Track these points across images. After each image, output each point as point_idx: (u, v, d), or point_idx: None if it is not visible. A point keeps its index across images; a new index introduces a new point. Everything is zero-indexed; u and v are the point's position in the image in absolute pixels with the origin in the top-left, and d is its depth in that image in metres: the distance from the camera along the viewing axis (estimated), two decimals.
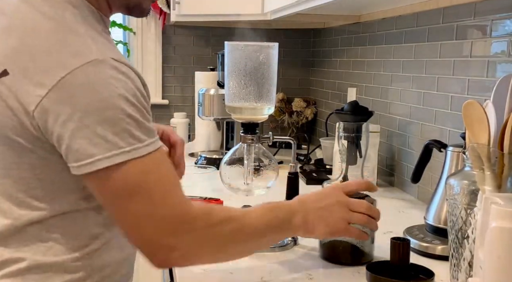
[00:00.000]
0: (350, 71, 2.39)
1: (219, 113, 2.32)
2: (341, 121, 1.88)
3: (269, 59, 1.17)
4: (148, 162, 0.88)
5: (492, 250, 0.80)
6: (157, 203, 0.88)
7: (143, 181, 0.88)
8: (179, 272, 1.17)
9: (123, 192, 0.87)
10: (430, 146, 1.48)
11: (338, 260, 1.19)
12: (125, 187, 0.87)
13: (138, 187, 0.87)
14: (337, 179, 1.90)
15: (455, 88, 1.58)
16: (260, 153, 1.27)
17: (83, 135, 0.85)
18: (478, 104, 0.96)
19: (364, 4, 1.92)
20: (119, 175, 0.86)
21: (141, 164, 0.87)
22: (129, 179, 0.87)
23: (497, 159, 0.93)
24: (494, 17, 1.41)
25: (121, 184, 0.87)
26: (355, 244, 1.18)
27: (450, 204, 1.01)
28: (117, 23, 2.77)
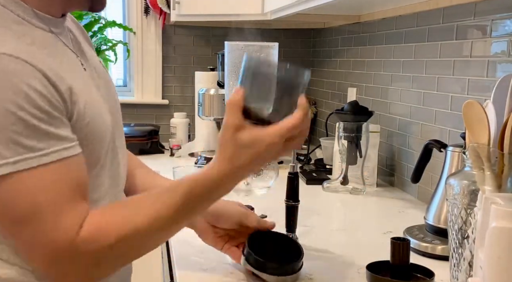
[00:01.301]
0: (350, 71, 2.39)
1: (219, 113, 2.32)
2: (341, 121, 1.88)
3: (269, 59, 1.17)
4: (42, 175, 0.77)
5: (492, 250, 0.80)
6: (47, 228, 0.79)
7: (32, 202, 0.77)
8: (179, 272, 1.17)
9: (9, 214, 0.78)
10: (430, 145, 1.48)
11: None
12: (12, 208, 0.77)
13: (26, 211, 0.77)
14: (337, 179, 1.91)
15: (455, 88, 1.58)
16: None
17: None
18: (478, 104, 0.96)
19: (364, 4, 1.92)
20: (3, 191, 0.76)
21: (31, 179, 0.77)
22: (16, 197, 0.77)
23: (497, 159, 0.93)
24: (494, 17, 1.41)
25: (8, 203, 0.77)
26: None
27: (450, 204, 1.01)
28: (117, 23, 2.77)
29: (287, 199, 1.32)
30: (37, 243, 0.80)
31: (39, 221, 0.78)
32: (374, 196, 1.86)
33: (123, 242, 0.85)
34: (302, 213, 1.35)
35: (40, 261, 0.82)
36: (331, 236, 1.46)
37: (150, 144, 2.65)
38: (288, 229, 1.33)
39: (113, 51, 2.78)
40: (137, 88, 2.94)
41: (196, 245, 1.33)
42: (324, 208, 1.73)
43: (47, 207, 0.78)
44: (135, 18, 2.91)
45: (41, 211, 0.78)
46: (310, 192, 1.87)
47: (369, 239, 1.42)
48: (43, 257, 0.81)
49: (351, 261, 1.24)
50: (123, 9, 3.00)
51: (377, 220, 1.64)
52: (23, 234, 0.80)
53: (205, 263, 1.21)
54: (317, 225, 1.50)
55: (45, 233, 0.79)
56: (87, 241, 0.81)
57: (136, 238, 0.86)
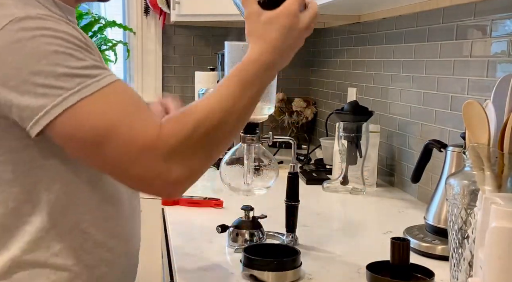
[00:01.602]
0: (350, 71, 2.39)
1: None
2: (341, 121, 1.88)
3: None
4: (104, 96, 0.84)
5: (492, 250, 0.80)
6: (128, 138, 0.83)
7: (106, 119, 0.83)
8: (179, 272, 1.17)
9: (89, 138, 0.83)
10: (430, 145, 1.48)
11: None
12: (88, 131, 0.83)
13: (102, 128, 0.83)
14: (337, 179, 1.91)
15: (455, 88, 1.58)
16: (260, 153, 1.27)
17: (27, 90, 0.82)
18: (478, 104, 0.96)
19: (364, 4, 1.92)
20: (77, 118, 0.83)
21: (97, 100, 0.83)
22: (89, 120, 0.83)
23: (497, 159, 0.93)
24: (494, 17, 1.41)
25: (84, 128, 0.83)
26: None
27: (450, 204, 1.01)
28: (117, 23, 2.77)
29: (287, 199, 1.32)
30: (124, 153, 0.83)
31: (118, 133, 0.83)
32: (374, 196, 1.86)
33: (201, 127, 0.87)
34: (302, 213, 1.35)
35: (132, 171, 0.84)
36: (331, 236, 1.46)
37: None
38: (288, 229, 1.33)
39: (113, 51, 2.78)
40: (137, 88, 2.94)
41: (196, 245, 1.34)
42: (324, 208, 1.73)
43: (121, 120, 0.84)
44: (135, 18, 2.91)
45: (116, 124, 0.83)
46: (310, 192, 1.87)
47: (369, 239, 1.42)
48: (134, 165, 0.84)
49: (351, 261, 1.24)
50: (123, 9, 3.00)
51: (377, 220, 1.64)
52: (108, 150, 0.83)
53: (205, 263, 1.21)
54: (317, 225, 1.50)
55: (128, 141, 0.83)
56: (169, 134, 0.85)
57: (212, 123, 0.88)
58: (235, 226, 1.32)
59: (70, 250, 0.97)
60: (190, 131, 0.86)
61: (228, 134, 0.92)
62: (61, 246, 0.96)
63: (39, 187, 0.94)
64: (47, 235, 0.95)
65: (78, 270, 0.98)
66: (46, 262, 0.95)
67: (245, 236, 1.31)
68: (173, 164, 0.85)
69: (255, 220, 1.34)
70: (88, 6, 2.75)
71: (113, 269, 1.03)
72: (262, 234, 1.33)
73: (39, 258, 0.95)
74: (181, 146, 0.85)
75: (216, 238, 1.35)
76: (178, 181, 0.87)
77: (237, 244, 1.30)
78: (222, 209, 1.65)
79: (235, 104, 0.90)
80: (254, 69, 0.94)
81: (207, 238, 1.37)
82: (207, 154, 0.90)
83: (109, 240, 1.02)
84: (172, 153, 0.84)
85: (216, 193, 1.78)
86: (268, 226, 1.36)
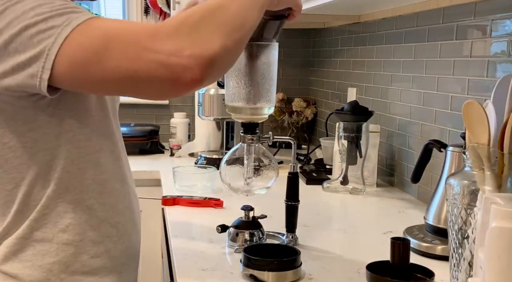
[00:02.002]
0: (350, 71, 2.39)
1: (219, 113, 2.32)
2: (341, 121, 1.88)
3: (269, 59, 1.17)
4: (96, 19, 0.87)
5: (492, 250, 0.80)
6: (129, 36, 0.83)
7: (101, 31, 0.85)
8: (179, 272, 1.17)
9: (92, 50, 0.84)
10: (430, 145, 1.48)
11: None
12: (89, 46, 0.84)
13: (101, 37, 0.84)
14: (337, 179, 1.91)
15: (455, 88, 1.58)
16: (260, 153, 1.27)
17: (26, 46, 0.85)
18: (478, 104, 0.96)
19: (364, 4, 1.92)
20: (76, 41, 0.84)
21: (91, 23, 0.86)
22: (88, 38, 0.84)
23: (497, 159, 0.93)
24: (494, 17, 1.41)
25: (85, 46, 0.84)
26: None
27: (450, 204, 1.01)
28: None
29: (287, 199, 1.32)
30: (130, 48, 0.82)
31: (118, 35, 0.83)
32: (374, 196, 1.86)
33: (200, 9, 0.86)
34: (302, 213, 1.35)
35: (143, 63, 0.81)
36: (331, 236, 1.46)
37: (150, 144, 2.65)
38: (288, 229, 1.33)
39: None
40: None
41: (196, 245, 1.34)
42: (324, 208, 1.73)
43: (118, 27, 0.85)
44: (135, 18, 2.91)
45: (114, 31, 0.84)
46: (310, 192, 1.87)
47: (369, 239, 1.42)
48: (143, 56, 0.81)
49: (351, 261, 1.24)
50: (123, 9, 3.00)
51: (377, 220, 1.64)
52: (114, 54, 0.82)
53: (205, 263, 1.21)
54: (317, 225, 1.50)
55: (130, 38, 0.83)
56: (167, 21, 0.84)
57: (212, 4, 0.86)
58: (235, 226, 1.32)
59: (76, 226, 1.01)
60: (189, 13, 0.85)
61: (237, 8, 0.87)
62: (67, 222, 1.01)
63: (46, 167, 0.98)
64: (54, 211, 0.99)
65: (84, 246, 1.02)
66: (54, 239, 1.00)
67: (245, 236, 1.31)
68: (181, 39, 0.81)
69: (255, 220, 1.34)
70: (88, 6, 2.76)
71: (117, 244, 1.08)
72: (262, 234, 1.33)
73: (47, 235, 1.00)
74: (184, 23, 0.83)
75: (216, 238, 1.35)
76: (193, 53, 0.81)
77: (237, 244, 1.30)
78: (222, 209, 1.65)
79: None
80: None
81: (207, 238, 1.37)
82: (219, 29, 0.84)
83: (113, 216, 1.07)
84: (176, 30, 0.82)
85: (216, 193, 1.78)
86: (268, 226, 1.36)
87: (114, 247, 1.07)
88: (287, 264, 1.12)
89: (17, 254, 0.99)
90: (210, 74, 0.82)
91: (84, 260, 1.02)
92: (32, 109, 0.95)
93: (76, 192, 1.01)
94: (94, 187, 1.04)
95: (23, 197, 0.98)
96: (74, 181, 1.01)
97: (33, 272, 0.99)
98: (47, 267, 0.99)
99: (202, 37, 0.82)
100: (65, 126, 0.98)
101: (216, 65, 0.82)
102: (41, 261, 0.99)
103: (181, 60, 0.80)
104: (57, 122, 0.97)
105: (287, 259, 1.12)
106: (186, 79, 0.81)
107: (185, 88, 0.83)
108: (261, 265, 1.10)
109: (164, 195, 1.73)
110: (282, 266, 1.11)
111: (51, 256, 0.99)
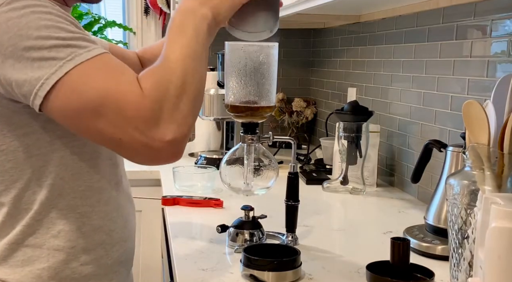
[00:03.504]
0: (350, 71, 2.39)
1: (219, 113, 2.32)
2: (341, 121, 1.88)
3: (269, 59, 1.17)
4: (95, 63, 0.86)
5: (492, 250, 0.80)
6: (118, 105, 0.84)
7: (96, 86, 0.85)
8: (179, 272, 1.17)
9: (82, 105, 0.85)
10: (430, 145, 1.48)
11: None
12: (81, 99, 0.84)
13: (95, 96, 0.84)
14: (337, 179, 1.91)
15: (455, 88, 1.58)
16: (260, 153, 1.27)
17: (23, 66, 0.85)
18: (478, 104, 0.96)
19: (364, 4, 1.92)
20: (71, 86, 0.84)
21: (89, 67, 0.85)
22: (82, 88, 0.84)
23: (497, 159, 0.93)
24: (494, 17, 1.41)
25: (77, 96, 0.84)
26: None
27: (450, 204, 1.01)
28: (117, 23, 2.77)
29: (287, 199, 1.32)
30: (117, 120, 0.84)
31: (109, 99, 0.84)
32: (374, 196, 1.86)
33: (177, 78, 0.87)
34: (302, 213, 1.35)
35: (131, 126, 0.84)
36: (331, 236, 1.46)
37: None
38: (288, 229, 1.33)
39: None
40: None
41: (196, 245, 1.34)
42: (324, 208, 1.73)
43: (110, 86, 0.85)
44: (135, 18, 2.91)
45: (107, 91, 0.84)
46: (310, 192, 1.87)
47: (369, 239, 1.42)
48: (127, 130, 0.84)
49: (351, 261, 1.24)
50: (123, 9, 3.00)
51: (377, 220, 1.64)
52: (102, 116, 0.84)
53: (205, 263, 1.21)
54: (317, 225, 1.50)
55: (118, 108, 0.84)
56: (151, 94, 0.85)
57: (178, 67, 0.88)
58: (235, 226, 1.33)
59: (68, 232, 1.00)
60: (166, 78, 0.87)
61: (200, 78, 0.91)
62: (59, 228, 1.00)
63: (39, 172, 0.97)
64: (47, 217, 0.99)
65: (75, 253, 1.01)
66: (45, 244, 0.99)
67: (245, 236, 1.31)
68: (164, 122, 0.85)
69: (255, 220, 1.34)
70: (88, 6, 2.75)
71: (110, 252, 1.07)
72: (262, 234, 1.33)
73: (39, 241, 0.99)
74: (166, 101, 0.85)
75: (216, 238, 1.35)
76: (177, 138, 0.86)
77: (237, 244, 1.30)
78: (222, 209, 1.65)
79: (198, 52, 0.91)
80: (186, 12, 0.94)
81: (207, 238, 1.37)
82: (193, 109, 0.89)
83: (107, 224, 1.06)
84: (160, 109, 0.84)
85: (216, 193, 1.78)
86: (268, 226, 1.36)
87: (106, 255, 1.06)
88: (287, 264, 1.12)
89: (7, 259, 0.98)
90: (183, 148, 0.89)
91: (75, 266, 1.01)
92: (27, 114, 0.94)
93: (70, 199, 1.00)
94: (89, 194, 1.03)
95: (14, 200, 0.97)
96: (67, 187, 1.00)
97: (22, 278, 0.98)
98: (36, 272, 0.98)
99: (181, 121, 0.87)
100: (59, 132, 0.97)
101: (187, 139, 0.89)
102: (31, 267, 0.98)
103: (163, 145, 0.85)
104: (52, 128, 0.96)
105: (287, 259, 1.12)
106: (164, 158, 0.88)
107: (160, 163, 0.90)
108: (261, 265, 1.10)
109: (164, 195, 1.73)
110: (282, 266, 1.11)
111: (41, 262, 0.99)
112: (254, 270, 1.10)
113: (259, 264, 1.11)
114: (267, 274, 1.10)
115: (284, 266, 1.11)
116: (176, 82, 0.87)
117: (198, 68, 0.91)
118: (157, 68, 0.89)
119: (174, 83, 0.87)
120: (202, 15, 0.93)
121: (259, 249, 1.17)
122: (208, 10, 0.94)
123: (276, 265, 1.11)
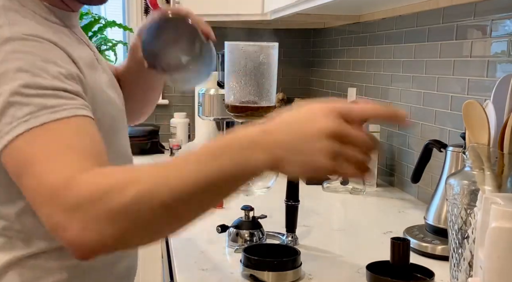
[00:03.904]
0: (350, 71, 2.39)
1: (219, 114, 2.32)
2: None
3: (269, 59, 1.17)
4: (47, 131, 0.78)
5: (492, 250, 0.80)
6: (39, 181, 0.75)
7: (29, 155, 0.77)
8: (179, 272, 1.17)
9: (16, 168, 0.78)
10: (430, 145, 1.48)
11: None
12: (18, 161, 0.78)
13: (22, 165, 0.77)
14: (337, 179, 1.91)
15: (455, 88, 1.58)
16: None
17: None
18: (478, 104, 0.96)
19: (364, 4, 1.92)
20: (16, 148, 0.78)
21: (36, 135, 0.77)
22: (23, 150, 0.77)
23: (497, 159, 0.93)
24: (494, 17, 1.41)
25: (16, 157, 0.78)
26: None
27: (450, 204, 1.01)
28: (117, 23, 2.77)
29: (287, 199, 1.32)
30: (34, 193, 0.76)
31: (34, 171, 0.76)
32: (374, 196, 1.86)
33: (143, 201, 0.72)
34: (302, 213, 1.35)
35: (40, 212, 0.76)
36: (331, 236, 1.46)
37: (150, 144, 2.65)
38: (288, 229, 1.33)
39: (113, 51, 2.78)
40: None
41: (196, 245, 1.34)
42: (324, 208, 1.73)
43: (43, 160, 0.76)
44: (135, 18, 2.91)
45: (36, 163, 0.76)
46: (310, 192, 1.87)
47: (369, 239, 1.42)
48: (41, 207, 0.76)
49: (351, 261, 1.24)
50: (123, 9, 3.00)
51: (377, 220, 1.64)
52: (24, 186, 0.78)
53: (205, 263, 1.21)
54: (317, 225, 1.50)
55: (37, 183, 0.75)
56: (85, 187, 0.73)
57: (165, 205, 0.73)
58: (235, 226, 1.33)
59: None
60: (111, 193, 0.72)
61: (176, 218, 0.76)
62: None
63: None
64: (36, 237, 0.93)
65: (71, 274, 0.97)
66: (36, 264, 0.94)
67: (245, 236, 1.31)
68: (74, 220, 0.72)
69: (255, 220, 1.34)
70: (88, 6, 2.75)
71: (111, 272, 1.03)
72: (262, 234, 1.33)
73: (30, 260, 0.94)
74: (91, 204, 0.72)
75: (216, 238, 1.35)
76: (75, 240, 0.73)
77: (237, 244, 1.30)
78: (222, 209, 1.64)
79: None
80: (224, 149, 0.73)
81: (207, 238, 1.37)
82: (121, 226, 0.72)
83: None
84: (76, 207, 0.72)
85: None
86: (268, 226, 1.36)
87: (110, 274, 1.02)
88: (287, 264, 1.12)
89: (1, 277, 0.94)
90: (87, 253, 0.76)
91: None
92: None
93: None
94: None
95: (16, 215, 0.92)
96: None
97: None
98: None
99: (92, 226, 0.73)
100: None
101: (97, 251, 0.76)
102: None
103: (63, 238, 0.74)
104: None
105: (287, 259, 1.12)
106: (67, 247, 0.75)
107: None
108: (261, 265, 1.11)
109: None
110: (282, 266, 1.11)
111: None
112: (254, 270, 1.10)
113: (259, 264, 1.11)
114: (267, 274, 1.10)
115: (284, 266, 1.11)
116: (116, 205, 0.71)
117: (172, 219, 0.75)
118: (118, 174, 0.75)
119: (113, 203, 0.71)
120: None
121: (259, 249, 1.17)
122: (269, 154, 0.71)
123: (276, 265, 1.11)
